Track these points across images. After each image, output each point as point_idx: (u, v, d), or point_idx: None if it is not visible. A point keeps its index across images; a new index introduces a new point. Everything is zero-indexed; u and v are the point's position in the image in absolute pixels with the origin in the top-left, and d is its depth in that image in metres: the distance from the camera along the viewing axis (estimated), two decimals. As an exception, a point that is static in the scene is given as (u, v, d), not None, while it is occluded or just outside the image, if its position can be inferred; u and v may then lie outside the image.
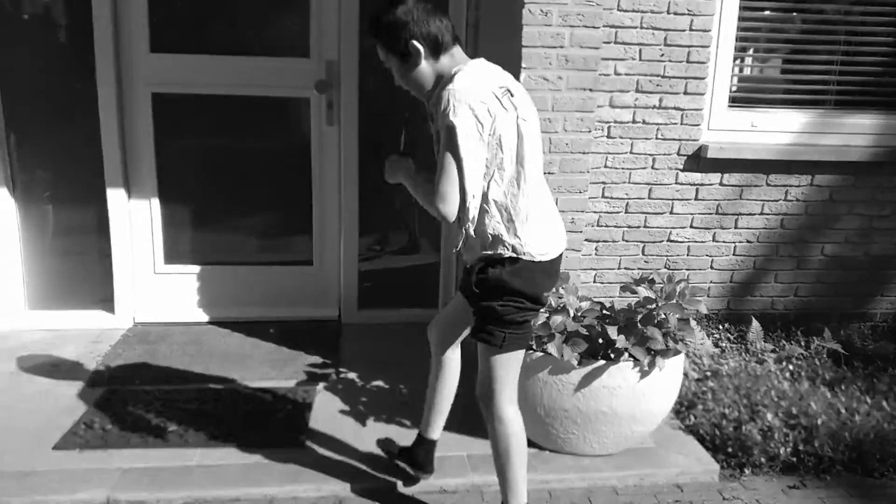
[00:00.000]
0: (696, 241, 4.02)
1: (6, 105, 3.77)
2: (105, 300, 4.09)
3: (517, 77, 2.93)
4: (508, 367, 2.20)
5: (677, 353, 2.77)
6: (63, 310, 4.07)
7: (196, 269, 4.15)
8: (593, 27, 2.89)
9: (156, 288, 4.12)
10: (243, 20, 3.90)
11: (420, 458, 2.67)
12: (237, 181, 4.10)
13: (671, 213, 3.96)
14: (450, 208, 1.99)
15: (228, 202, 4.15)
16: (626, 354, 2.72)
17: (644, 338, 2.66)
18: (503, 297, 2.13)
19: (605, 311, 2.86)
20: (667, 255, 4.03)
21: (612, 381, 2.72)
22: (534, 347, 2.73)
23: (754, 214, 4.01)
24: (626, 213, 3.89)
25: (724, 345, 3.88)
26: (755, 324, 3.95)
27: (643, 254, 4.01)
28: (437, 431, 2.67)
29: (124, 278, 4.02)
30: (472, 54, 3.81)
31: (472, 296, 2.19)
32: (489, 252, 2.12)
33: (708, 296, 4.12)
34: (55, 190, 3.97)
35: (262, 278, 4.19)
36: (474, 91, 1.98)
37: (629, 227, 3.91)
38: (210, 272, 4.16)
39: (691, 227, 4.00)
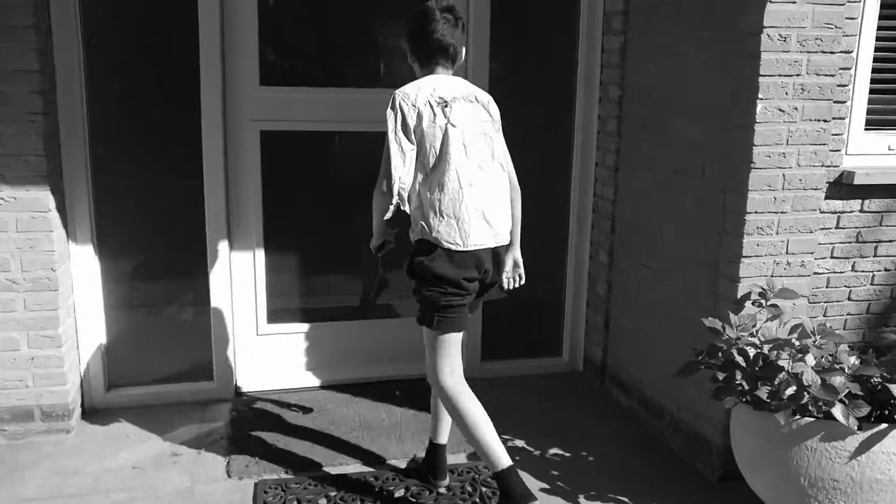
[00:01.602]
0: (835, 272, 3.80)
1: (93, 144, 3.21)
2: (199, 368, 3.55)
3: (747, 108, 2.64)
4: (446, 345, 2.50)
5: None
6: (150, 385, 3.49)
7: (303, 327, 3.67)
8: (831, 52, 2.63)
9: (258, 351, 3.61)
10: (364, 49, 3.48)
11: (438, 466, 2.80)
12: (347, 227, 3.65)
13: (812, 243, 3.73)
14: (382, 189, 2.43)
15: (337, 251, 3.70)
16: (912, 416, 2.45)
17: (937, 396, 2.39)
18: (428, 284, 2.45)
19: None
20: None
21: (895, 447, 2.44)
22: (811, 411, 2.42)
23: (894, 241, 3.83)
24: (770, 245, 3.64)
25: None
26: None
27: (783, 287, 3.76)
28: (444, 437, 2.81)
29: (224, 342, 3.50)
30: (619, 80, 3.54)
31: (413, 283, 2.52)
32: (416, 234, 2.47)
33: (844, 328, 3.91)
34: (144, 243, 3.42)
35: (376, 334, 3.74)
36: (411, 96, 2.41)
37: (772, 259, 3.66)
38: (319, 330, 3.68)
39: (832, 257, 3.78)
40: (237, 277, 3.49)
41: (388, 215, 2.47)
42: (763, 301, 2.66)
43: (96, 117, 3.20)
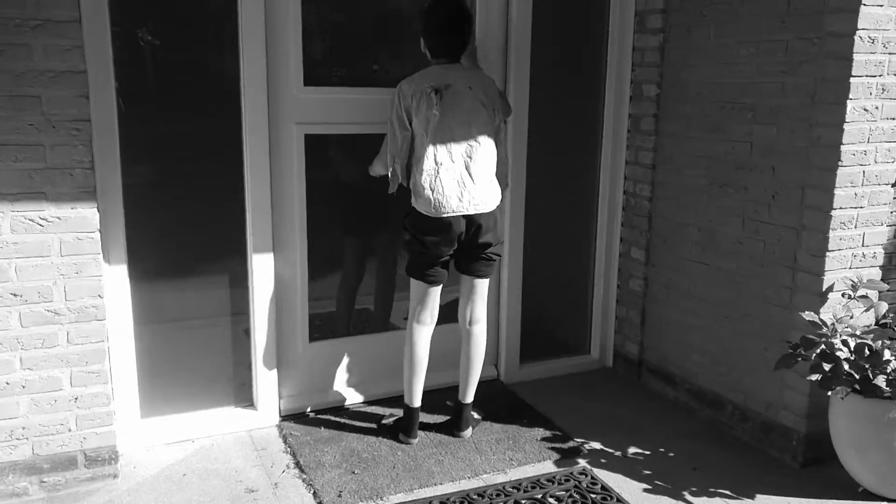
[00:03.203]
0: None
1: (124, 151, 2.87)
2: (239, 391, 3.29)
3: (833, 108, 2.74)
4: (413, 291, 3.06)
5: None
6: (186, 413, 3.19)
7: (346, 341, 3.47)
8: (907, 53, 2.77)
9: (299, 371, 3.38)
10: (412, 46, 3.30)
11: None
12: (386, 234, 3.49)
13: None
14: (380, 165, 3.04)
15: (381, 257, 3.52)
16: None
17: None
18: (406, 234, 2.97)
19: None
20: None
21: None
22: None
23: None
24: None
25: None
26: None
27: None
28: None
29: (266, 362, 3.24)
30: (657, 79, 3.56)
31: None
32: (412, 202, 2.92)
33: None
34: (177, 263, 3.12)
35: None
36: (405, 87, 2.85)
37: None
38: (358, 343, 3.50)
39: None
40: (280, 293, 3.24)
41: (392, 189, 2.93)
42: (852, 293, 2.78)
43: (127, 122, 2.87)
